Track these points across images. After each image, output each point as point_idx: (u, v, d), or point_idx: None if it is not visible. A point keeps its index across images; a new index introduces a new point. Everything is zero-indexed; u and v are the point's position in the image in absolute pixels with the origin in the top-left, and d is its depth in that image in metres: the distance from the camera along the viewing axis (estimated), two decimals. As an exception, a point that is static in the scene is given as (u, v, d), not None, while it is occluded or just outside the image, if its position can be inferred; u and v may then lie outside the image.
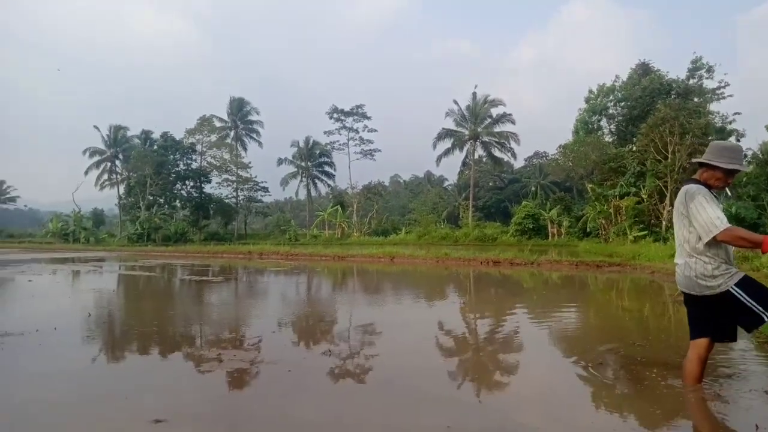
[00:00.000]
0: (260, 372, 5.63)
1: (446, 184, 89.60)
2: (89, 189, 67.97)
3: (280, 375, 5.50)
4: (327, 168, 69.40)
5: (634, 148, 40.74)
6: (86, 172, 65.87)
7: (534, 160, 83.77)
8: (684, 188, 4.59)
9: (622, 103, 49.66)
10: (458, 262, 23.76)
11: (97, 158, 65.57)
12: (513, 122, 56.44)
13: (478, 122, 56.86)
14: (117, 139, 65.90)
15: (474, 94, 56.59)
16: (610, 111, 52.15)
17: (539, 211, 47.73)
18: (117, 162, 66.43)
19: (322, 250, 31.73)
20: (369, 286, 16.86)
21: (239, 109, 66.54)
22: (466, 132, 57.40)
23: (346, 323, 9.21)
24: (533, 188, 74.19)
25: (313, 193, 71.26)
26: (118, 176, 66.43)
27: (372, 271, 21.60)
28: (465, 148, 59.25)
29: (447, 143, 58.28)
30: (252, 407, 4.54)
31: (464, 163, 63.70)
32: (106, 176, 66.74)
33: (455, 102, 57.44)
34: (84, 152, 65.30)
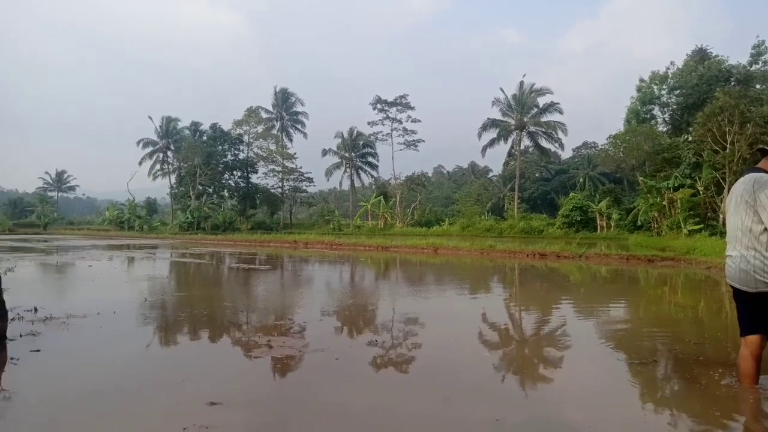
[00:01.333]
0: (309, 359, 5.76)
1: (491, 174, 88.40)
2: (143, 179, 70.67)
3: (328, 363, 5.61)
4: (370, 158, 69.66)
5: (690, 138, 38.96)
6: (140, 163, 68.41)
7: (582, 151, 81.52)
8: (750, 176, 4.34)
9: (677, 91, 47.59)
10: (503, 254, 23.48)
11: (150, 149, 67.95)
12: (561, 112, 55.08)
13: (525, 112, 55.70)
14: (169, 130, 68.05)
15: (521, 83, 55.46)
16: (664, 99, 50.07)
17: (587, 203, 46.50)
18: (168, 152, 68.64)
19: (366, 240, 31.96)
20: (412, 277, 16.90)
21: (284, 100, 67.54)
22: (513, 122, 56.35)
23: (390, 314, 9.28)
24: (581, 179, 72.26)
25: (357, 183, 71.74)
26: (170, 166, 68.63)
27: (415, 262, 21.63)
28: (511, 138, 58.22)
29: (492, 133, 57.42)
30: (301, 393, 4.67)
31: (510, 154, 62.59)
32: (158, 166, 69.09)
33: (502, 91, 56.46)
34: (138, 143, 67.81)
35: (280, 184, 67.32)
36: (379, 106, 65.21)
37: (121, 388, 4.79)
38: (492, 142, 57.76)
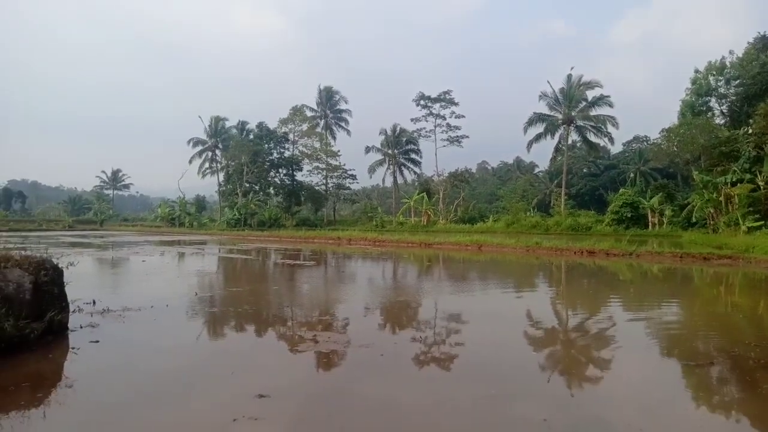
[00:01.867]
0: (354, 355, 5.82)
1: (537, 170, 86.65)
2: (193, 177, 72.82)
3: (373, 358, 5.66)
4: (413, 155, 69.51)
5: (750, 131, 36.98)
6: (190, 161, 70.52)
7: (633, 145, 78.76)
8: None
9: (736, 82, 45.23)
10: (550, 251, 23.00)
11: (199, 148, 69.97)
12: (611, 105, 53.29)
13: (573, 105, 54.22)
14: (217, 129, 69.88)
15: (569, 76, 53.99)
16: (722, 91, 47.70)
17: (638, 199, 44.90)
18: (217, 151, 70.48)
19: (409, 237, 31.93)
20: (456, 274, 16.79)
21: (329, 98, 68.19)
22: (560, 116, 54.99)
23: (434, 311, 9.25)
24: (632, 175, 69.84)
25: (400, 180, 71.73)
26: (218, 165, 70.46)
27: (459, 259, 21.47)
28: (558, 133, 56.80)
29: (539, 128, 56.16)
30: (348, 388, 4.72)
31: (557, 149, 61.08)
32: (207, 165, 71.05)
33: (549, 84, 55.14)
34: (188, 142, 69.95)
35: (324, 181, 68.08)
36: (422, 102, 64.95)
37: (176, 379, 4.97)
38: (538, 137, 56.56)
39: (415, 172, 71.15)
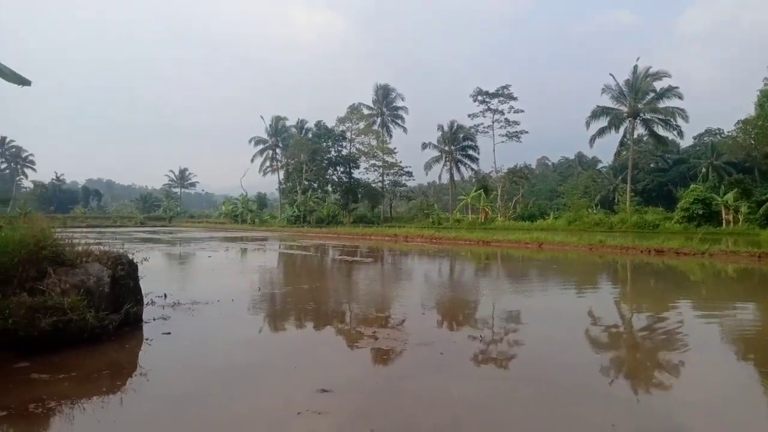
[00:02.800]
0: (414, 353, 5.83)
1: (600, 166, 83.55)
2: (254, 175, 75.12)
3: (433, 357, 5.65)
4: (470, 151, 68.67)
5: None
6: (252, 160, 72.81)
7: (705, 138, 74.46)
8: None
9: (823, 68, 41.83)
10: (614, 250, 22.15)
11: (261, 147, 72.13)
12: (680, 96, 50.52)
13: (639, 98, 51.82)
14: (277, 128, 71.78)
15: (635, 67, 51.60)
16: (806, 77, 44.21)
17: (711, 196, 42.41)
18: (277, 150, 72.40)
19: (466, 235, 31.63)
20: (516, 272, 16.48)
21: (385, 95, 68.50)
22: (625, 109, 52.73)
23: (493, 310, 9.13)
24: (703, 169, 66.05)
25: (456, 177, 71.07)
26: (278, 163, 72.36)
27: (518, 257, 21.05)
28: (623, 127, 54.45)
29: (602, 122, 54.03)
30: (409, 386, 4.74)
31: (622, 143, 58.63)
32: (268, 163, 73.13)
33: (612, 77, 53.00)
34: (250, 141, 72.25)
35: (381, 178, 68.56)
36: (480, 97, 64.10)
37: (243, 372, 5.16)
38: (602, 131, 54.46)
39: (472, 169, 70.26)
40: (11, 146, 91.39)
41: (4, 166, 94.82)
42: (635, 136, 56.26)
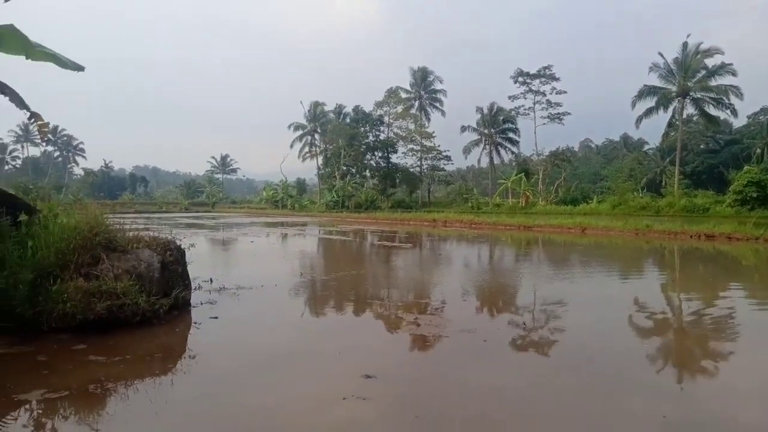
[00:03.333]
0: (457, 339, 5.80)
1: (646, 147, 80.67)
2: (294, 160, 76.00)
3: (476, 344, 5.62)
4: (511, 134, 67.42)
5: None
6: (291, 145, 73.62)
7: (760, 118, 70.71)
8: None
9: None
10: (662, 235, 21.43)
11: (300, 132, 72.82)
12: (734, 74, 47.98)
13: (689, 76, 49.56)
14: (316, 114, 72.24)
15: (684, 44, 49.29)
16: None
17: (766, 178, 40.45)
18: (316, 135, 72.95)
19: (507, 220, 31.19)
20: (558, 258, 16.18)
21: (423, 78, 67.80)
22: (674, 88, 50.56)
23: (537, 297, 8.99)
24: (758, 150, 62.82)
25: (496, 160, 70.00)
26: (317, 148, 72.97)
27: (560, 242, 20.65)
28: (671, 107, 52.29)
29: (649, 102, 51.98)
30: (453, 373, 4.73)
31: (670, 124, 56.34)
32: (307, 149, 73.84)
33: (660, 55, 50.84)
34: (289, 127, 73.02)
35: (419, 162, 68.22)
36: (520, 79, 62.64)
37: (289, 355, 5.26)
38: (648, 112, 52.46)
39: (512, 152, 69.06)
40: (63, 135, 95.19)
41: (56, 154, 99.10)
42: (684, 116, 54.01)
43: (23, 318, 5.60)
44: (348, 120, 67.89)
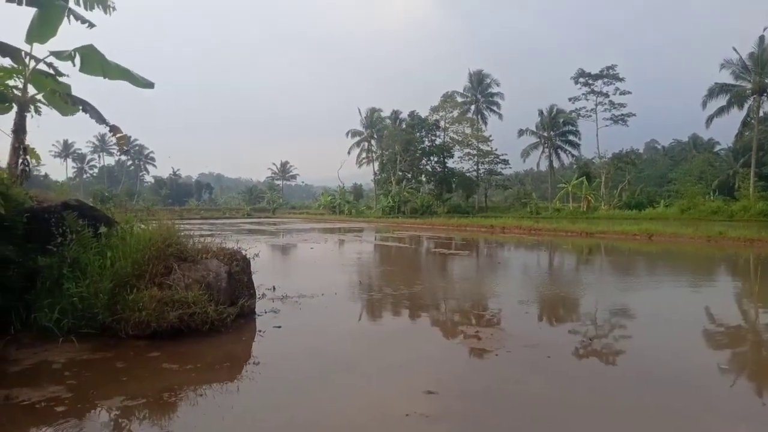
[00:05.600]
0: (520, 354, 5.67)
1: (718, 148, 76.23)
2: (351, 166, 77.08)
3: (540, 360, 5.48)
4: (571, 137, 65.52)
5: None
6: (349, 152, 74.65)
7: None
8: None
9: None
10: (737, 242, 20.19)
11: (357, 138, 73.74)
12: (818, 67, 44.82)
13: (766, 72, 46.67)
14: (372, 120, 72.93)
15: (761, 38, 46.34)
16: None
17: None
18: (372, 141, 73.62)
19: (568, 226, 30.28)
20: (625, 267, 15.54)
21: (479, 82, 67.09)
22: (749, 85, 47.60)
23: (603, 309, 8.66)
24: None
25: (556, 164, 68.19)
26: (373, 154, 73.60)
27: (625, 250, 19.82)
28: (746, 105, 49.31)
29: (721, 100, 49.20)
30: (517, 390, 4.63)
31: (744, 123, 53.09)
32: (363, 154, 74.64)
33: (734, 50, 48.00)
34: (347, 134, 74.10)
35: (476, 167, 67.45)
36: (582, 80, 60.86)
37: (350, 367, 5.31)
38: (720, 111, 49.65)
39: (572, 155, 67.08)
40: (135, 145, 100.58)
41: (129, 162, 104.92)
42: (761, 114, 50.67)
43: (103, 324, 5.96)
44: (404, 125, 68.08)
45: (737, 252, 18.16)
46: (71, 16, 8.39)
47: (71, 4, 8.52)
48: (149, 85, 9.26)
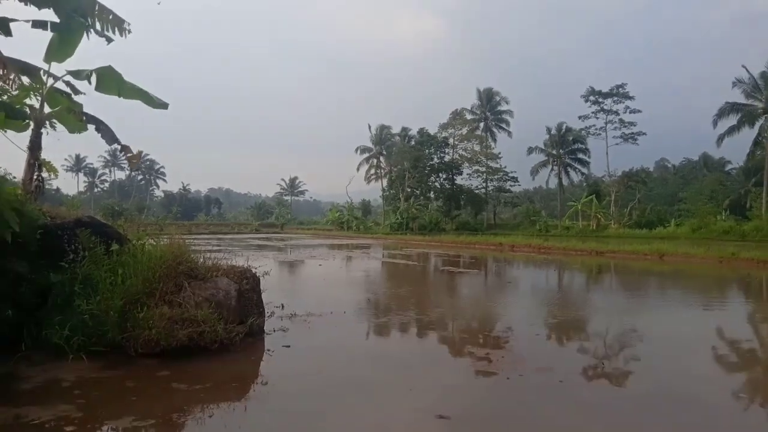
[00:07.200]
0: (532, 379, 5.58)
1: (729, 167, 75.80)
2: (359, 182, 77.21)
3: (552, 384, 5.39)
4: (581, 155, 65.36)
5: None
6: (358, 168, 74.94)
7: None
8: None
9: None
10: (750, 263, 19.93)
11: (366, 155, 74.06)
12: (831, 87, 44.59)
13: (778, 90, 46.42)
14: (382, 137, 73.31)
15: (771, 57, 46.39)
16: None
17: None
18: (381, 158, 73.90)
19: (578, 245, 30.04)
20: (636, 288, 15.38)
21: (488, 99, 67.33)
22: (760, 104, 47.37)
23: (617, 332, 8.54)
24: None
25: (565, 182, 67.95)
26: (382, 171, 73.82)
27: (637, 270, 19.63)
28: (758, 124, 49.04)
29: (732, 119, 48.92)
30: (529, 415, 4.56)
31: (756, 142, 52.81)
32: (372, 171, 74.87)
33: (745, 69, 47.83)
34: (356, 150, 74.45)
35: (484, 184, 67.42)
36: (592, 98, 60.89)
37: (359, 389, 5.27)
38: (731, 130, 49.39)
39: (582, 173, 66.90)
40: (146, 160, 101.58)
41: (140, 177, 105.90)
42: (773, 133, 50.40)
43: (113, 342, 5.96)
44: (413, 142, 68.37)
45: (750, 273, 17.93)
46: (90, 32, 8.54)
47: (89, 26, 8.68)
48: (163, 105, 9.37)
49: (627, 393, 5.36)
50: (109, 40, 8.67)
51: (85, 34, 8.41)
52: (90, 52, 8.64)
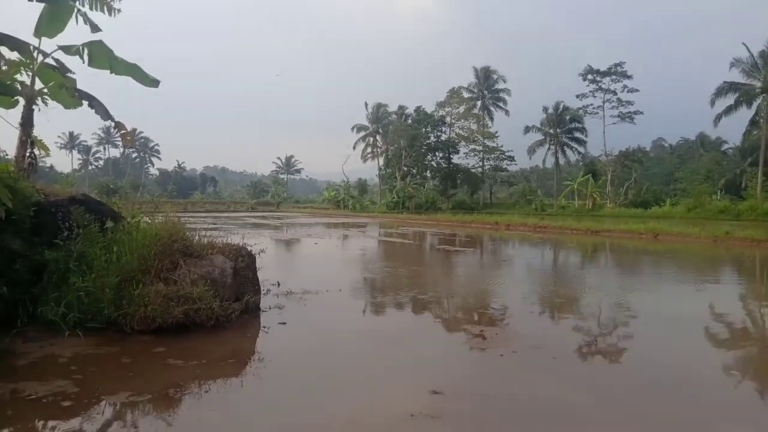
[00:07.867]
0: (525, 355, 5.65)
1: (725, 147, 75.78)
2: (356, 161, 77.07)
3: (546, 360, 5.46)
4: (577, 134, 65.11)
5: None
6: (354, 147, 74.63)
7: None
8: None
9: None
10: (743, 242, 20.07)
11: (362, 133, 73.67)
12: (829, 67, 44.35)
13: (775, 70, 46.16)
14: (378, 115, 72.84)
15: (771, 36, 46.04)
16: None
17: None
18: (377, 136, 73.54)
19: (573, 224, 30.16)
20: (631, 266, 15.50)
21: (486, 78, 66.75)
22: (758, 83, 47.12)
23: (610, 310, 8.62)
24: None
25: (562, 161, 67.83)
26: (378, 149, 73.53)
27: (631, 249, 19.75)
28: (755, 104, 48.84)
29: (730, 99, 48.70)
30: (522, 391, 4.62)
31: (753, 122, 52.70)
32: (368, 149, 74.54)
33: (745, 47, 47.41)
34: (352, 129, 74.01)
35: (481, 163, 67.28)
36: (590, 77, 60.43)
37: (354, 365, 5.31)
38: (729, 110, 49.19)
39: (579, 152, 66.73)
40: (140, 137, 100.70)
41: (135, 155, 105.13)
42: (770, 112, 50.23)
43: (109, 319, 5.97)
44: (409, 121, 67.97)
45: (744, 252, 18.06)
46: (79, 17, 8.38)
47: (78, 5, 8.50)
48: (155, 83, 9.23)
49: (619, 369, 5.43)
50: (96, 29, 8.51)
51: (73, 18, 8.27)
52: (83, 31, 8.50)
